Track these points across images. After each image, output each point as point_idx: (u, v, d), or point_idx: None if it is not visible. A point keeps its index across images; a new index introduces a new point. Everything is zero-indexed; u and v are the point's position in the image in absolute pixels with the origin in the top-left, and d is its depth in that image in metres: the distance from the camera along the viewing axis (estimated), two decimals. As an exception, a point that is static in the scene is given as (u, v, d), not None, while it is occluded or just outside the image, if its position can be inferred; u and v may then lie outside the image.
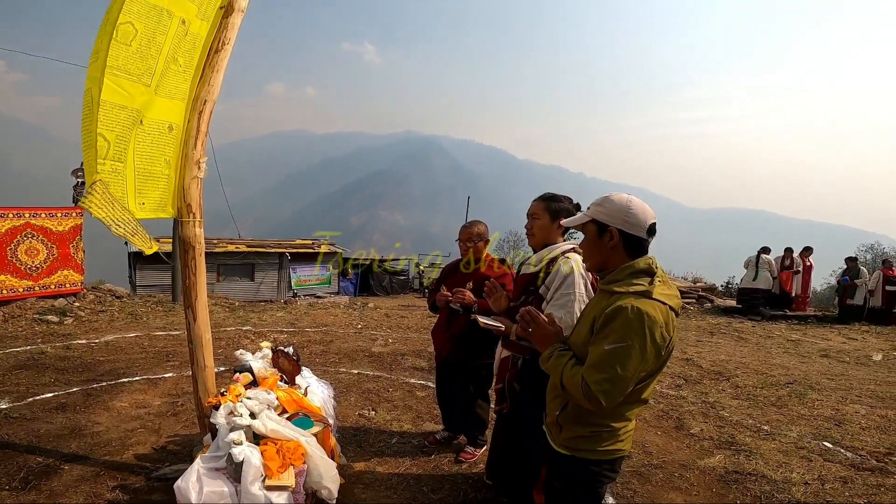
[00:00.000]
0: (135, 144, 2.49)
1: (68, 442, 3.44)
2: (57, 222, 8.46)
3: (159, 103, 2.58)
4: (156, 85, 2.50)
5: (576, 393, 1.62)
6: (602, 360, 1.56)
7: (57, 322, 7.34)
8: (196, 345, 2.85)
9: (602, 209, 1.74)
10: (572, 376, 1.64)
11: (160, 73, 2.51)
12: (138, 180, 2.54)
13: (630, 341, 1.54)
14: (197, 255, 2.83)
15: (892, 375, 6.40)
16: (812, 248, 12.29)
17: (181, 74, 2.68)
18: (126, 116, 2.39)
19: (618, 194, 1.75)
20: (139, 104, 2.43)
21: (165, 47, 2.47)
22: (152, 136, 2.57)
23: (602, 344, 1.58)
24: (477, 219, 3.47)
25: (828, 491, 3.15)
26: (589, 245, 1.79)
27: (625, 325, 1.55)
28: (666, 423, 4.31)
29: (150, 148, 2.57)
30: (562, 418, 1.79)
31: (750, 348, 8.04)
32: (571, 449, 1.78)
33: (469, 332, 3.22)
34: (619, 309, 1.58)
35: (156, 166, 2.62)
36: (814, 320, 11.35)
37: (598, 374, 1.56)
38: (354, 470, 3.20)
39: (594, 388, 1.56)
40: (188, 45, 2.66)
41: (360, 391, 4.79)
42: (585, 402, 1.61)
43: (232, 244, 19.28)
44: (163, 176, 2.68)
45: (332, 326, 8.31)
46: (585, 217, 1.79)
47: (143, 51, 2.38)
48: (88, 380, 4.78)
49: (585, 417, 1.73)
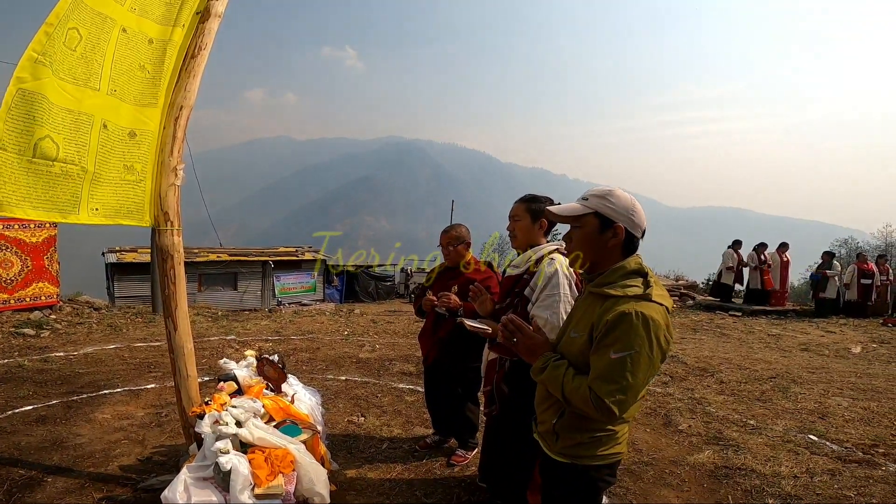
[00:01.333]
0: (98, 149, 2.47)
1: (50, 454, 3.35)
2: (30, 233, 8.25)
3: (121, 108, 2.55)
4: (112, 89, 2.50)
5: (583, 405, 1.55)
6: (611, 369, 1.50)
7: (34, 335, 7.14)
8: (178, 354, 2.79)
9: (608, 204, 1.64)
10: (576, 388, 1.56)
11: (112, 79, 2.50)
12: (93, 185, 2.48)
13: (637, 348, 1.49)
14: (176, 263, 2.77)
15: (872, 368, 6.55)
16: (788, 244, 12.53)
17: (149, 81, 2.65)
18: (73, 120, 2.37)
19: (620, 191, 1.67)
20: (88, 108, 2.42)
21: (109, 52, 2.48)
22: (112, 142, 2.54)
23: (608, 353, 1.52)
24: (458, 222, 3.46)
25: (817, 484, 3.18)
26: (586, 240, 1.68)
27: (630, 332, 1.50)
28: (654, 420, 4.34)
29: (109, 153, 2.53)
30: (559, 427, 1.72)
31: (732, 344, 8.16)
32: (570, 457, 1.71)
33: (456, 336, 3.20)
34: (623, 315, 1.51)
35: (112, 172, 2.55)
36: (793, 315, 11.58)
37: (608, 385, 1.50)
38: (346, 476, 3.15)
39: (607, 400, 1.49)
40: (154, 52, 2.65)
41: (349, 397, 4.74)
42: (595, 414, 1.54)
43: (213, 253, 19.03)
44: (122, 182, 2.60)
45: (319, 333, 8.22)
46: (585, 209, 1.67)
47: (87, 55, 2.39)
48: (68, 392, 4.65)
49: (585, 424, 1.67)
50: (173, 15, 2.71)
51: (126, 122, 2.59)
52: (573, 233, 1.73)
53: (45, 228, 8.41)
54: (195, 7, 2.80)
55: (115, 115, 2.53)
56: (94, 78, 2.43)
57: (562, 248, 2.46)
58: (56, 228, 8.56)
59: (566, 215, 1.73)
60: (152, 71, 2.66)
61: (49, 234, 8.46)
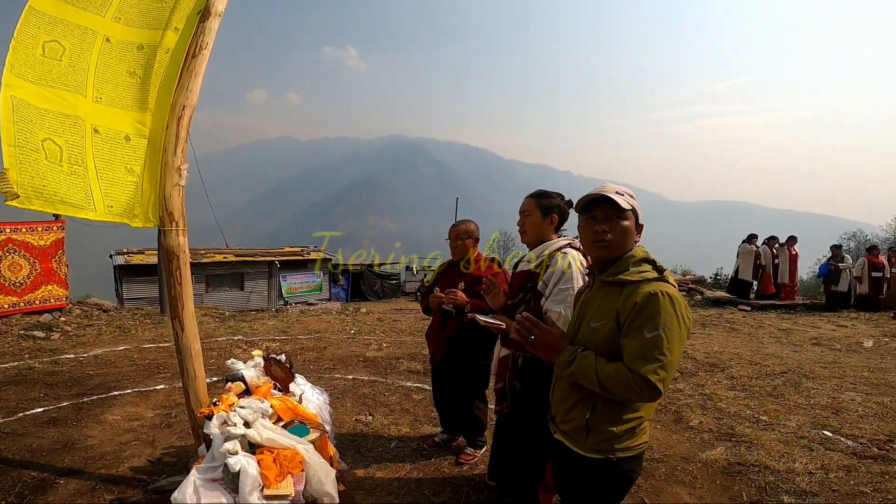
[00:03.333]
0: (94, 151, 2.57)
1: (62, 456, 3.37)
2: (38, 237, 8.29)
3: (111, 114, 2.62)
4: (97, 97, 2.58)
5: (623, 390, 1.56)
6: (648, 348, 1.54)
7: (43, 338, 7.18)
8: (185, 355, 2.79)
9: (636, 204, 1.74)
10: (613, 373, 1.57)
11: (96, 87, 2.58)
12: (103, 184, 2.59)
13: (669, 325, 1.55)
14: (182, 264, 2.77)
15: (885, 362, 6.46)
16: (796, 238, 12.40)
17: (141, 87, 2.71)
18: (72, 123, 2.49)
19: (625, 188, 1.76)
20: (82, 112, 2.52)
21: (92, 61, 2.58)
22: (109, 145, 2.63)
23: (641, 333, 1.56)
24: (467, 218, 3.46)
25: (832, 480, 3.13)
26: (628, 234, 1.72)
27: (661, 310, 1.56)
28: (664, 416, 4.30)
29: (110, 155, 2.63)
30: (592, 421, 1.70)
31: (742, 339, 8.08)
32: (604, 451, 1.69)
33: (463, 334, 3.18)
34: (651, 295, 1.58)
35: (117, 173, 2.66)
36: (802, 309, 11.47)
37: (649, 364, 1.52)
38: (355, 476, 3.14)
39: (652, 378, 1.51)
40: (145, 57, 2.72)
41: (356, 396, 4.73)
42: (637, 396, 1.56)
43: (220, 254, 19.09)
44: (127, 183, 2.69)
45: (325, 333, 8.22)
46: (628, 205, 1.72)
47: (74, 64, 2.52)
48: (78, 394, 4.67)
49: (620, 414, 1.67)
50: (164, 18, 2.74)
51: (120, 127, 2.66)
52: (613, 224, 1.71)
53: (53, 231, 8.45)
54: (191, 8, 2.80)
55: (106, 120, 2.60)
56: (82, 86, 2.54)
57: (574, 243, 2.45)
58: (63, 231, 8.59)
59: (624, 205, 1.71)
60: (143, 76, 2.70)
61: (56, 237, 8.49)
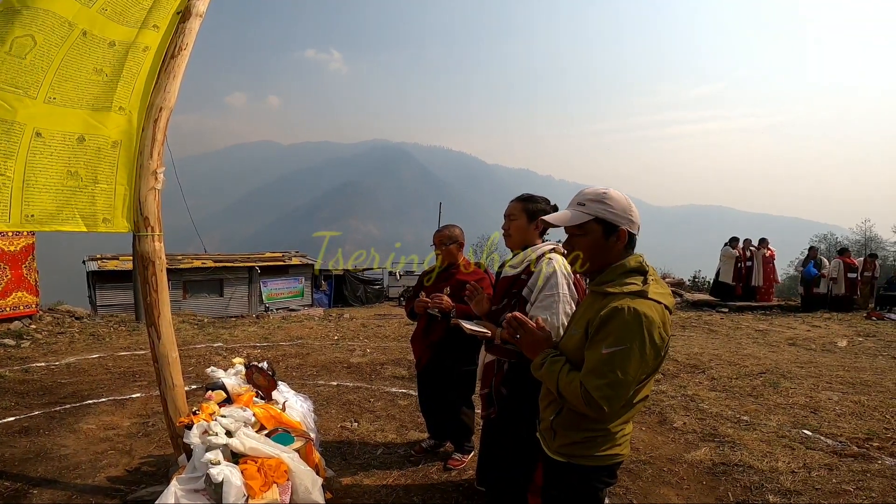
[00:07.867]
0: (29, 157, 2.38)
1: (35, 466, 3.25)
2: (8, 242, 8.03)
3: (63, 114, 2.46)
4: (50, 97, 2.41)
5: (575, 400, 1.55)
6: (601, 364, 1.49)
7: (14, 345, 6.94)
8: (162, 364, 2.70)
9: (607, 208, 1.61)
10: (569, 382, 1.55)
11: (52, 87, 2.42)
12: (30, 192, 2.39)
13: (629, 344, 1.47)
14: (157, 270, 2.67)
15: (859, 361, 6.62)
16: (767, 240, 12.52)
17: (105, 85, 2.56)
18: (6, 130, 2.30)
19: (615, 192, 1.65)
20: (23, 117, 2.34)
21: (58, 58, 2.41)
22: (52, 149, 2.44)
23: (599, 347, 1.51)
24: (451, 223, 3.44)
25: (815, 479, 3.18)
26: (594, 246, 1.64)
27: (622, 327, 1.48)
28: (649, 418, 4.32)
29: (49, 160, 2.44)
30: (556, 424, 1.70)
31: (721, 340, 8.21)
32: (567, 456, 1.68)
33: (449, 339, 3.15)
34: (616, 310, 1.50)
35: (52, 178, 2.47)
36: (778, 310, 11.71)
37: (597, 380, 1.48)
38: (341, 484, 3.08)
39: (595, 395, 1.48)
40: (116, 55, 2.57)
41: (341, 403, 4.66)
42: (586, 409, 1.53)
43: (198, 259, 18.73)
44: (63, 188, 2.50)
45: (308, 339, 8.11)
46: (586, 216, 1.63)
47: (35, 63, 2.34)
48: (51, 402, 4.52)
49: (580, 422, 1.64)
50: (141, 17, 2.62)
51: (72, 128, 2.49)
52: (576, 241, 1.67)
53: (23, 237, 8.19)
54: (173, 8, 2.72)
55: (54, 121, 2.43)
56: (34, 87, 2.37)
57: (559, 248, 2.44)
58: (34, 237, 8.35)
59: (567, 224, 1.66)
60: (111, 74, 2.57)
61: (27, 243, 8.24)
